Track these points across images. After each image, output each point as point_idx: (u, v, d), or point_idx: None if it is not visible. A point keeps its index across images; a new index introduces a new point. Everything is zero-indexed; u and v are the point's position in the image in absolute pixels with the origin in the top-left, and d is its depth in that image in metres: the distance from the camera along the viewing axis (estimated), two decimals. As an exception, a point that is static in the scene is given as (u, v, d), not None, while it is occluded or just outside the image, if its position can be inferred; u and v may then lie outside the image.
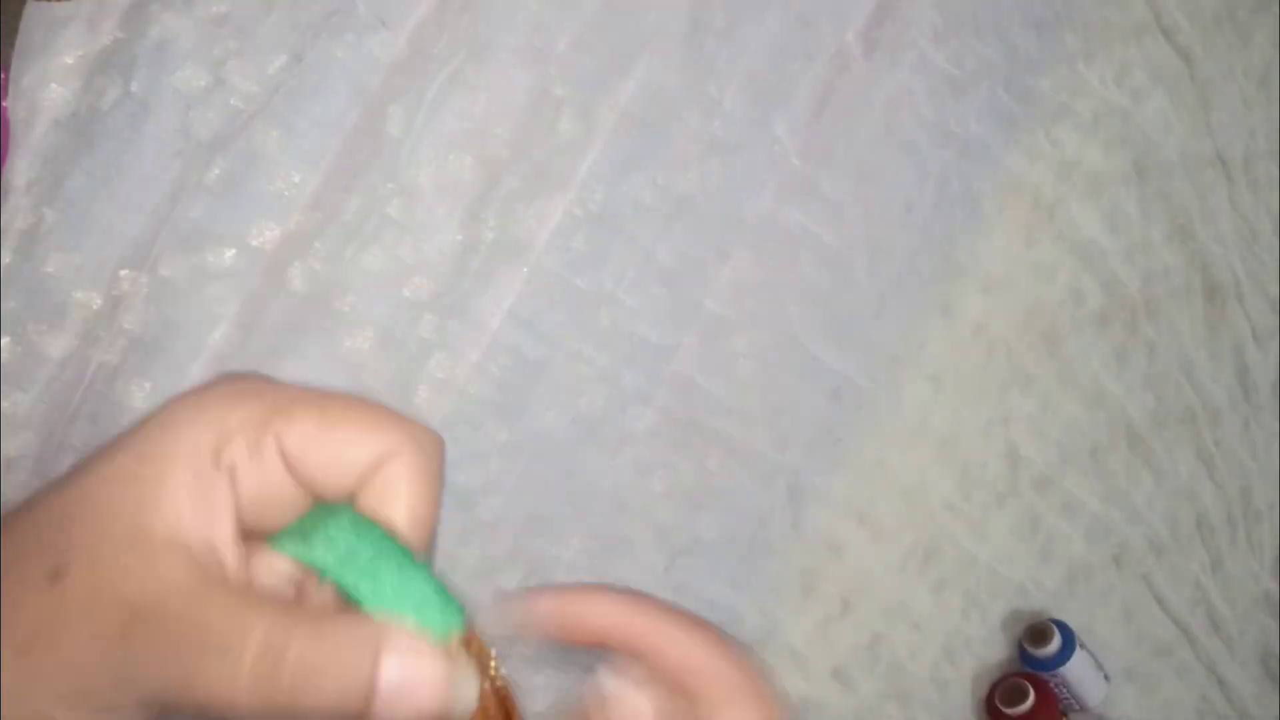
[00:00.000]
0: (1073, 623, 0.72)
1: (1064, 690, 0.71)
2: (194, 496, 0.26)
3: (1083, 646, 0.72)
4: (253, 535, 0.28)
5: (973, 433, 0.68)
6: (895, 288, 0.62)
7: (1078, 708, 0.73)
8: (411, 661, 0.25)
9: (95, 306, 0.41)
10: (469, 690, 0.26)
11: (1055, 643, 0.70)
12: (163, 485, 0.26)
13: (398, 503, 0.28)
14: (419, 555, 0.28)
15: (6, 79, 0.38)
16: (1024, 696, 0.68)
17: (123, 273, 0.41)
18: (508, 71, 0.48)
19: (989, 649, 0.72)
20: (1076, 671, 0.71)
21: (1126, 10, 0.71)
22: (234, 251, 0.43)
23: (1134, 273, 0.75)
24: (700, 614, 0.60)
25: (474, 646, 0.27)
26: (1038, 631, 0.71)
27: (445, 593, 0.27)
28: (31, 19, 0.39)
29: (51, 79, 0.40)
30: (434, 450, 0.29)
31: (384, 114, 0.46)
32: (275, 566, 0.28)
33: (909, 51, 0.60)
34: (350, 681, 0.24)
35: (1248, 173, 0.81)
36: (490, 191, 0.49)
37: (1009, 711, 0.68)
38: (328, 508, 0.28)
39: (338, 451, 0.27)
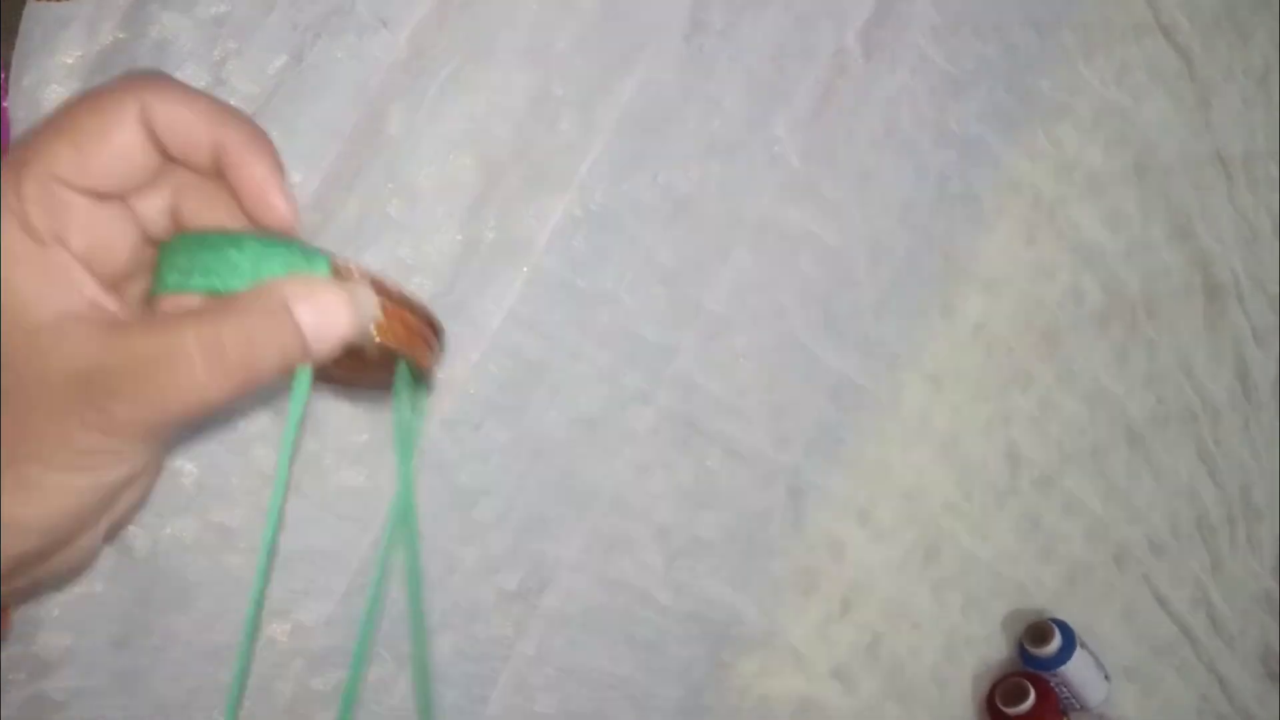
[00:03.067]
0: (1073, 622, 0.73)
1: (1064, 690, 0.71)
2: (41, 277, 0.27)
3: (1083, 646, 0.72)
4: (111, 285, 0.29)
5: (973, 432, 0.68)
6: (895, 287, 0.62)
7: (1078, 707, 0.73)
8: (315, 299, 0.29)
9: (95, 307, 0.41)
10: (368, 300, 0.30)
11: (1056, 642, 0.70)
12: (13, 285, 0.27)
13: (189, 131, 0.29)
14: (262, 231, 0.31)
15: (6, 79, 0.38)
16: (1024, 696, 0.68)
17: (123, 273, 0.41)
18: (508, 71, 0.48)
19: (989, 648, 0.72)
20: (1077, 671, 0.71)
21: (1126, 10, 0.71)
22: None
23: (1134, 272, 0.75)
24: (700, 614, 0.60)
25: (352, 274, 0.30)
26: (1038, 631, 0.71)
27: (297, 245, 0.30)
28: (31, 19, 0.39)
29: (51, 79, 0.40)
30: (165, 77, 0.30)
31: (384, 114, 0.46)
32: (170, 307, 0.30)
33: (909, 51, 0.60)
34: (282, 339, 0.28)
35: (1247, 172, 0.81)
36: (490, 191, 0.49)
37: (1009, 711, 0.68)
38: (171, 242, 0.30)
39: (102, 147, 0.28)
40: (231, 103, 0.42)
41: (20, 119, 0.39)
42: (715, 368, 0.56)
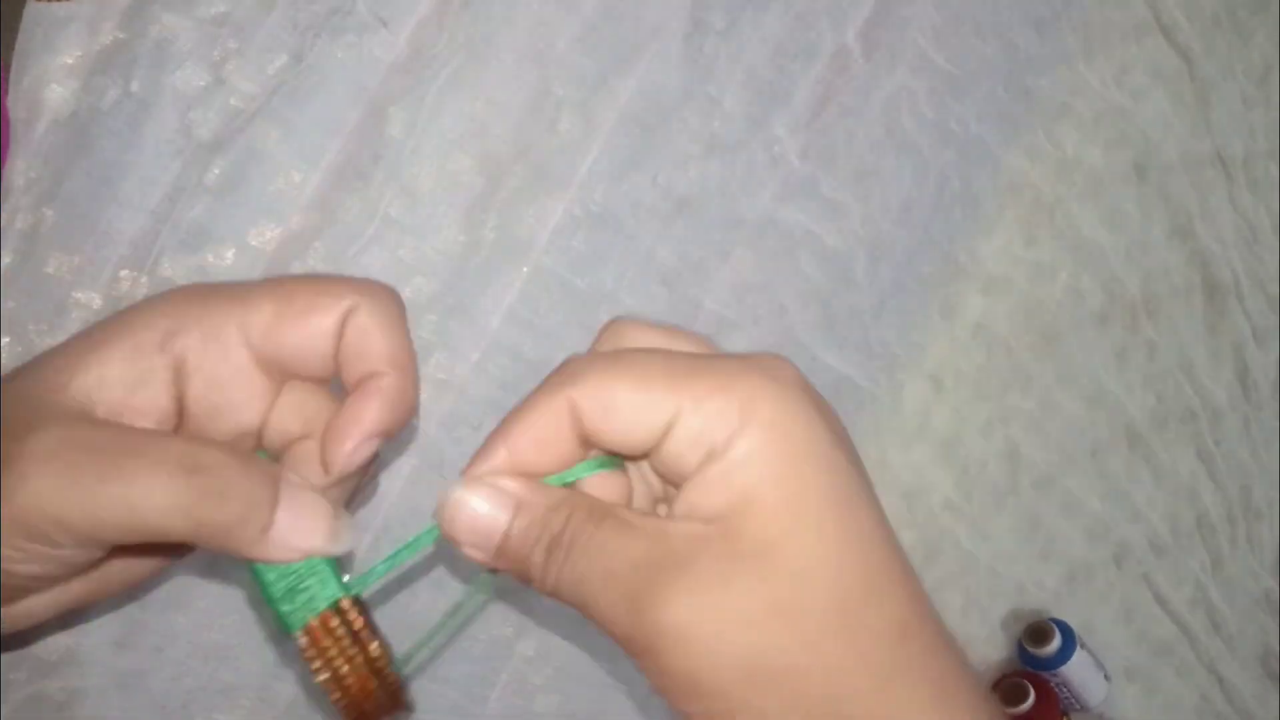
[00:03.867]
0: (1073, 622, 0.73)
1: (1064, 690, 0.71)
2: (125, 366, 0.27)
3: (1083, 646, 0.72)
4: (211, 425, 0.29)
5: (973, 432, 0.68)
6: (895, 288, 0.62)
7: (1078, 707, 0.73)
8: (298, 499, 0.28)
9: (95, 306, 0.41)
10: (347, 537, 0.29)
11: (1055, 642, 0.70)
12: (99, 348, 0.28)
13: (371, 349, 0.29)
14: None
15: (6, 79, 0.38)
16: (1024, 696, 0.68)
17: (123, 273, 0.41)
18: (508, 71, 0.48)
19: (989, 648, 0.72)
20: (1077, 671, 0.71)
21: (1126, 9, 0.71)
22: (234, 251, 0.43)
23: (1134, 272, 0.75)
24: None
25: (353, 621, 0.28)
26: (1038, 631, 0.71)
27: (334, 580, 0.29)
28: (31, 19, 0.39)
29: (51, 79, 0.40)
30: (390, 296, 0.30)
31: (384, 114, 0.46)
32: None
33: (909, 51, 0.60)
34: (252, 508, 0.27)
35: (1247, 172, 0.81)
36: (490, 191, 0.49)
37: (1009, 711, 0.68)
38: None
39: (302, 325, 0.29)
40: (231, 102, 0.42)
41: (20, 119, 0.39)
42: (715, 368, 0.56)
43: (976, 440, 0.68)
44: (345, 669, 0.28)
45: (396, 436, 0.31)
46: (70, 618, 0.31)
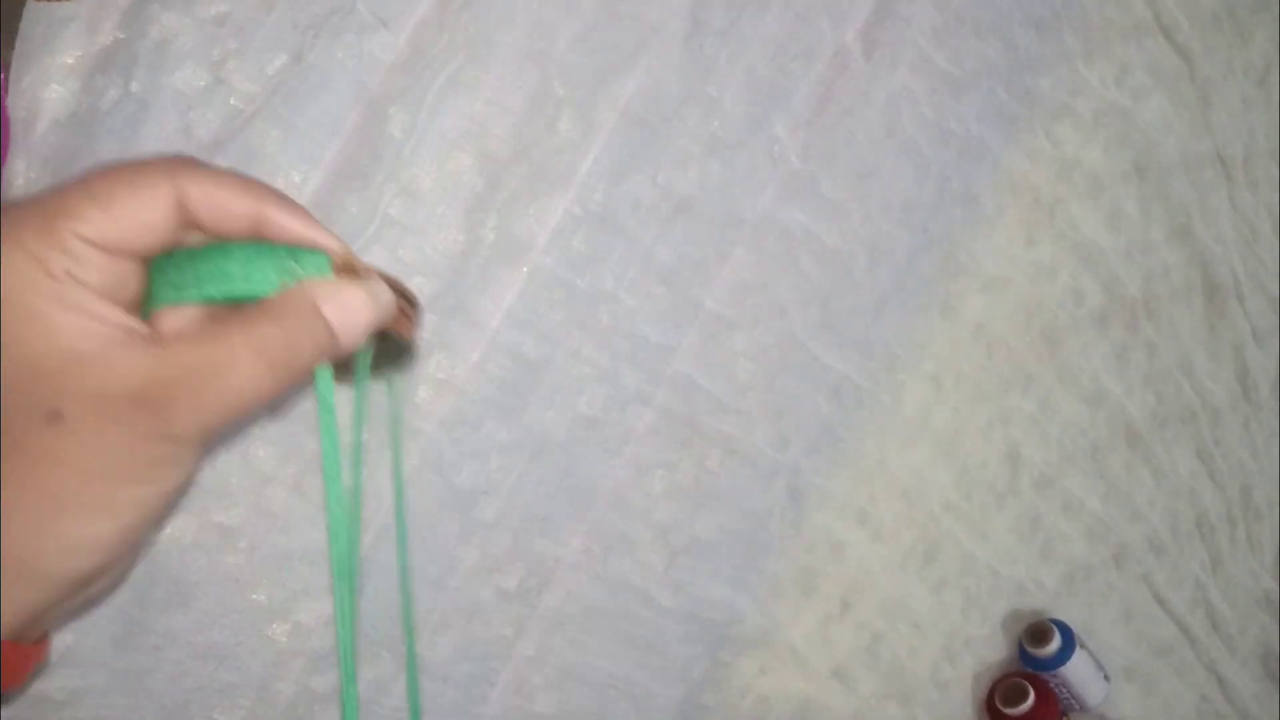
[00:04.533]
0: (1073, 622, 0.73)
1: (1064, 690, 0.71)
2: (71, 311, 0.29)
3: (1083, 646, 0.72)
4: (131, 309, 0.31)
5: (973, 432, 0.68)
6: (895, 287, 0.62)
7: (1078, 707, 0.73)
8: (340, 299, 0.32)
9: (95, 306, 0.41)
10: (384, 293, 0.33)
11: (1055, 642, 0.70)
12: (37, 326, 0.28)
13: (226, 204, 0.31)
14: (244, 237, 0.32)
15: (6, 79, 0.38)
16: (1024, 696, 0.68)
17: (123, 273, 0.41)
18: (508, 71, 0.48)
19: (989, 649, 0.72)
20: (1076, 671, 0.71)
21: (1126, 9, 0.71)
22: (234, 251, 0.43)
23: (1134, 272, 0.75)
24: (700, 614, 0.60)
25: (356, 269, 0.32)
26: (1038, 631, 0.71)
27: (283, 249, 0.31)
28: (31, 19, 0.39)
29: (51, 79, 0.40)
30: (190, 156, 0.32)
31: (384, 114, 0.46)
32: (167, 320, 0.32)
33: (909, 51, 0.60)
34: (319, 336, 0.31)
35: (1247, 172, 0.81)
36: (491, 191, 0.49)
37: (1009, 711, 0.68)
38: (162, 257, 0.31)
39: (136, 216, 0.30)
40: (231, 102, 0.43)
41: (20, 119, 0.39)
42: (715, 368, 0.56)
43: (976, 440, 0.68)
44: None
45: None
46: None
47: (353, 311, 0.32)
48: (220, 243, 0.31)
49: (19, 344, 0.28)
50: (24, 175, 0.40)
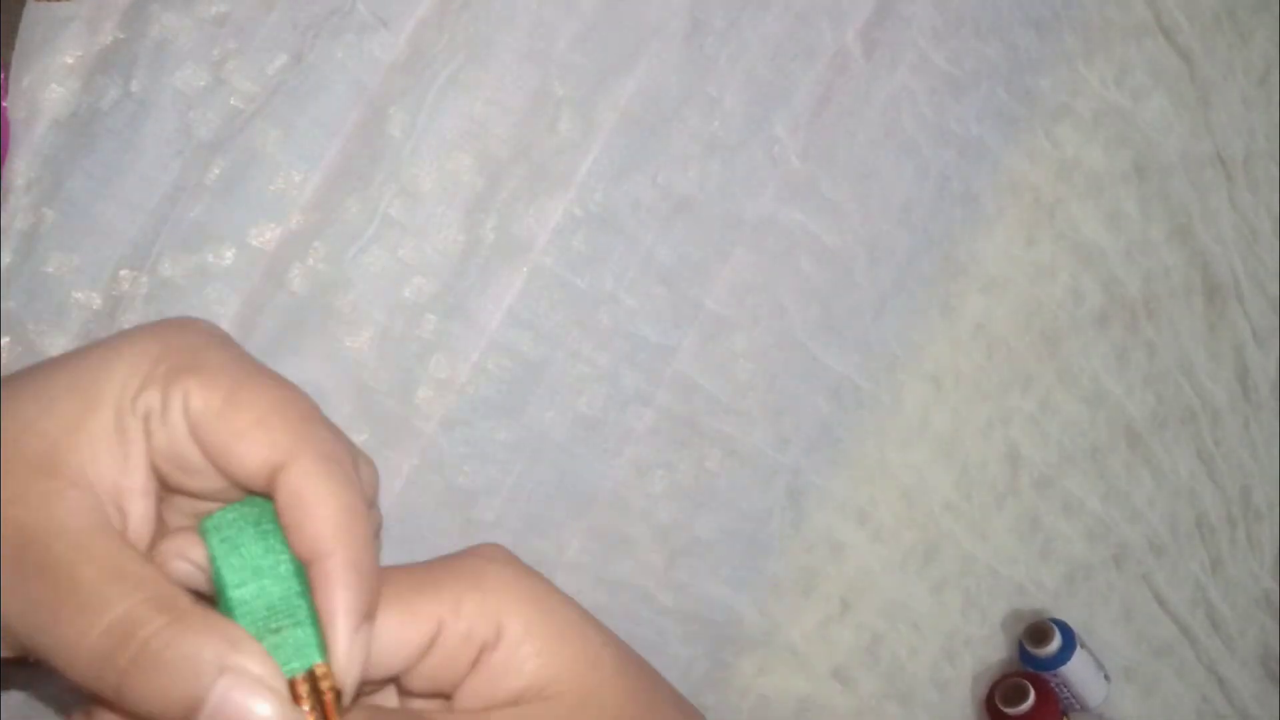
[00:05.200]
0: (1073, 622, 0.72)
1: (1064, 690, 0.71)
2: (112, 439, 0.25)
3: (1083, 646, 0.72)
4: (176, 490, 0.27)
5: (973, 432, 0.68)
6: (895, 287, 0.62)
7: (1078, 707, 0.73)
8: (244, 694, 0.23)
9: (95, 306, 0.41)
10: None
11: (1055, 642, 0.70)
12: (85, 421, 0.25)
13: (310, 521, 0.26)
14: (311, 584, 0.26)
15: (6, 79, 0.38)
16: (1024, 696, 0.68)
17: (123, 273, 0.41)
18: (508, 71, 0.48)
19: (989, 649, 0.72)
20: (1077, 671, 0.71)
21: (1126, 10, 0.71)
22: (234, 251, 0.43)
23: (1134, 272, 0.75)
24: (700, 614, 0.60)
25: (325, 689, 0.25)
26: (1038, 631, 0.71)
27: (311, 630, 0.26)
28: (31, 19, 0.39)
29: (51, 79, 0.40)
30: (338, 462, 0.27)
31: (384, 114, 0.46)
32: (191, 543, 0.27)
33: (909, 51, 0.60)
34: (180, 691, 0.23)
35: (1248, 172, 0.81)
36: (490, 191, 0.49)
37: (1009, 711, 0.68)
38: (260, 506, 0.27)
39: (228, 438, 0.26)
40: (231, 102, 0.43)
41: (20, 119, 0.39)
42: (715, 368, 0.56)
43: (976, 440, 0.68)
44: None
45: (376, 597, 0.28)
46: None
47: (241, 711, 0.23)
48: (290, 557, 0.26)
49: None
50: (24, 175, 0.40)
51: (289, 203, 0.44)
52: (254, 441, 0.26)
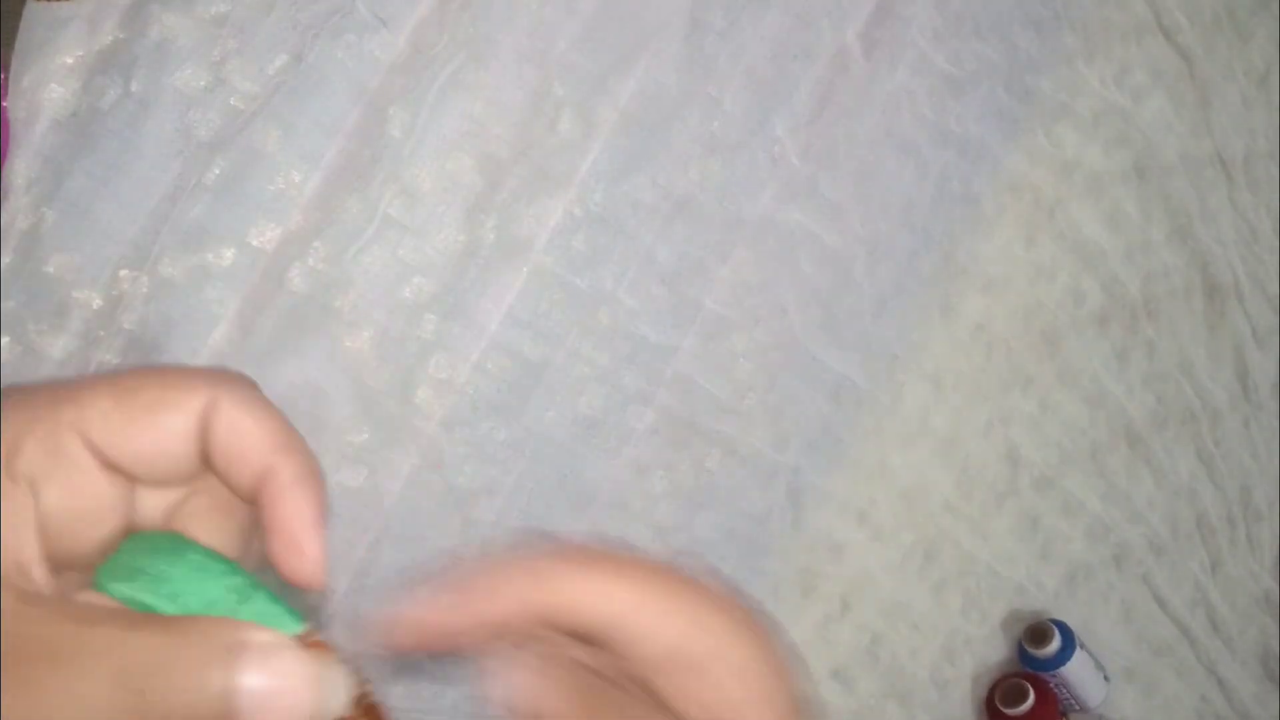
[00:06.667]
0: (1073, 623, 0.72)
1: (1064, 690, 0.71)
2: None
3: (1082, 647, 0.72)
4: (65, 561, 0.25)
5: (973, 433, 0.68)
6: (895, 288, 0.62)
7: (1078, 708, 0.73)
8: (271, 662, 0.22)
9: (95, 306, 0.41)
10: (338, 688, 0.23)
11: (1055, 643, 0.70)
12: None
13: (251, 445, 0.26)
14: (249, 566, 0.26)
15: (6, 79, 0.38)
16: (1024, 697, 0.68)
17: (123, 273, 0.41)
18: (508, 71, 0.48)
19: (989, 649, 0.72)
20: (1076, 672, 0.71)
21: (1126, 10, 0.71)
22: (234, 251, 0.43)
23: (1134, 273, 0.75)
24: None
25: (325, 649, 0.24)
26: (1038, 632, 0.71)
27: (281, 602, 0.25)
28: (31, 19, 0.39)
29: (51, 79, 0.40)
30: (247, 382, 0.27)
31: (384, 114, 0.46)
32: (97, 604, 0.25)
33: (909, 51, 0.60)
34: (207, 696, 0.21)
35: (1247, 172, 0.81)
36: (490, 191, 0.49)
37: (1009, 712, 0.68)
38: (142, 537, 0.26)
39: (151, 425, 0.25)
40: (231, 102, 0.43)
41: (20, 119, 0.39)
42: (715, 368, 0.56)
43: (976, 440, 0.68)
44: None
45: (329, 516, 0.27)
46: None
47: (281, 691, 0.22)
48: (182, 541, 0.26)
49: None
50: (24, 175, 0.40)
51: (289, 203, 0.44)
52: (173, 405, 0.25)
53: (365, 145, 0.45)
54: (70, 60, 0.40)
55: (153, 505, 0.27)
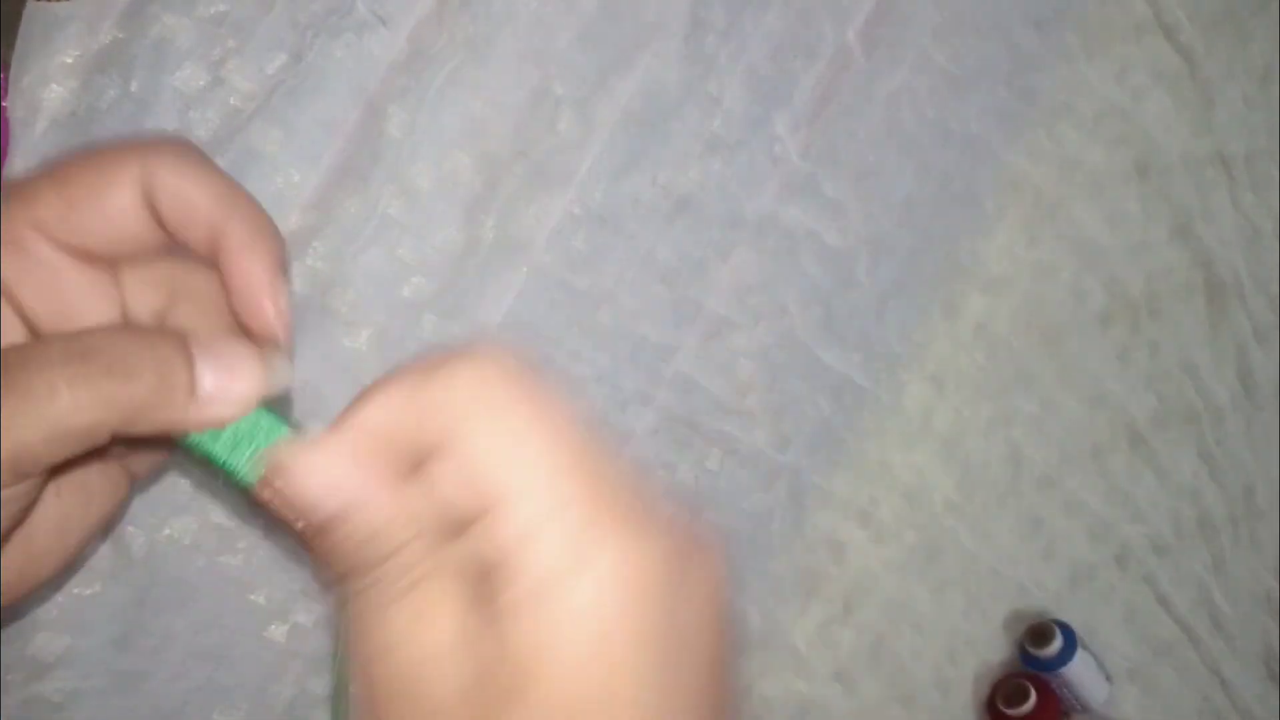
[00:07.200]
0: (1075, 623, 0.72)
1: (1066, 691, 0.71)
2: None
3: (1084, 647, 0.72)
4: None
5: (974, 433, 0.68)
6: (896, 287, 0.62)
7: (1080, 708, 0.73)
8: (219, 352, 0.25)
9: (94, 306, 0.41)
10: (285, 367, 0.26)
11: (1057, 643, 0.70)
12: None
13: (197, 206, 0.26)
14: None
15: (6, 79, 0.38)
16: (1026, 697, 0.68)
17: (122, 273, 0.41)
18: (507, 70, 0.48)
19: (991, 649, 0.72)
20: (1078, 672, 0.71)
21: (1127, 9, 0.71)
22: (233, 251, 0.43)
23: (1136, 272, 0.75)
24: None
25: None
26: (1039, 632, 0.71)
27: (272, 416, 0.27)
28: (31, 19, 0.39)
29: (51, 79, 0.40)
30: (183, 143, 0.27)
31: (384, 114, 0.46)
32: None
33: (910, 50, 0.60)
34: (168, 387, 0.24)
35: (1249, 172, 0.81)
36: (490, 191, 0.49)
37: (1011, 712, 0.68)
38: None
39: (96, 207, 0.26)
40: (231, 102, 0.42)
41: (20, 119, 0.39)
42: (715, 368, 0.56)
43: (978, 440, 0.68)
44: None
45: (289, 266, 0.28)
46: (73, 560, 0.29)
47: (233, 372, 0.25)
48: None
49: None
50: (24, 175, 0.40)
51: (289, 202, 0.44)
52: (110, 183, 0.26)
53: (364, 145, 0.45)
54: (69, 60, 0.40)
55: (143, 304, 0.28)
